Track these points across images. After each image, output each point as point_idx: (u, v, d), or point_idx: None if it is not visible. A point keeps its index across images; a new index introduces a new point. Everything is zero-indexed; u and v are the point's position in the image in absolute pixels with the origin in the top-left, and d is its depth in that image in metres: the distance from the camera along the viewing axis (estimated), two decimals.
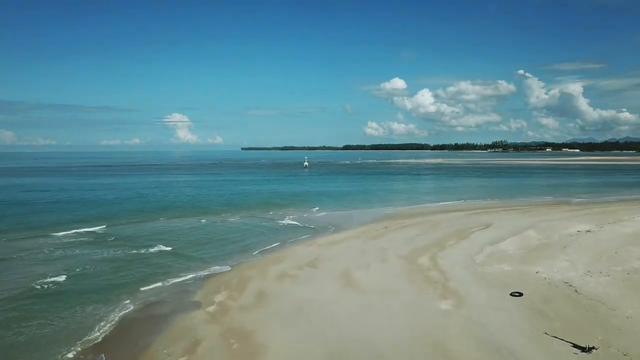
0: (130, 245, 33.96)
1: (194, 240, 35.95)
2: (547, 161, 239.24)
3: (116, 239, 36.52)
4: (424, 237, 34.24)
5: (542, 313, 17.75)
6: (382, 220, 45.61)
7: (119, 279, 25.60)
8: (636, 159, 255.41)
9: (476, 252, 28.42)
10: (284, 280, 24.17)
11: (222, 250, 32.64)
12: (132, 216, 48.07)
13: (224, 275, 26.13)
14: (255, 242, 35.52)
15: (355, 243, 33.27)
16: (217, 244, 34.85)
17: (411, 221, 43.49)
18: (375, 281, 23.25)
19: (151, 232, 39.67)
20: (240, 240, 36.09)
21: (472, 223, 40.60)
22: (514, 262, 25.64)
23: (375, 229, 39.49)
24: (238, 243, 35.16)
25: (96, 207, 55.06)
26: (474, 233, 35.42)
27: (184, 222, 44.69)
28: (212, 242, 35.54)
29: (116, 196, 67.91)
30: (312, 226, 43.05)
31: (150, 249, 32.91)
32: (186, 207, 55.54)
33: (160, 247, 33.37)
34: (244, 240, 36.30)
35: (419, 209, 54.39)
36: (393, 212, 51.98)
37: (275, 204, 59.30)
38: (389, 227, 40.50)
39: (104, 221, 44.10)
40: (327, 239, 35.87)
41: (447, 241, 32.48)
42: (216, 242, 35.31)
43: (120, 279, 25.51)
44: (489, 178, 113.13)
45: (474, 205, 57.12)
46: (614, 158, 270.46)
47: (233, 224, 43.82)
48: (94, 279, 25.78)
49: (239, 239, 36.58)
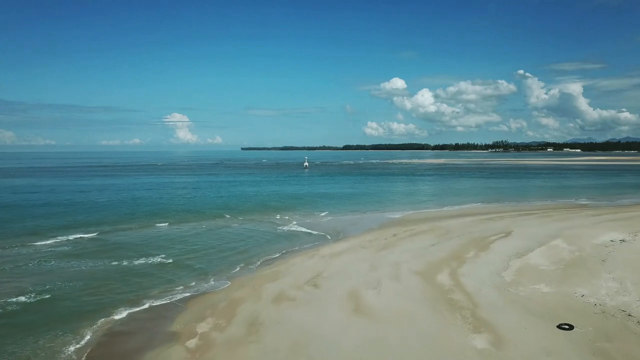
0: (113, 257, 30.28)
1: (183, 251, 32.22)
2: (551, 161, 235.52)
3: (99, 249, 32.86)
4: (439, 248, 30.53)
5: (607, 356, 14.06)
6: (389, 226, 41.96)
7: (90, 301, 21.91)
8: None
9: (503, 268, 24.70)
10: (281, 303, 20.46)
11: (212, 263, 28.93)
12: (121, 222, 44.35)
13: (212, 296, 22.43)
14: (250, 253, 31.84)
15: (362, 254, 29.57)
16: (207, 255, 31.15)
17: (421, 227, 39.83)
18: (389, 306, 19.54)
19: (139, 240, 35.96)
20: (233, 251, 32.37)
21: (489, 230, 36.91)
22: (551, 281, 21.90)
23: (384, 237, 35.82)
24: (231, 254, 31.46)
25: (84, 211, 51.30)
26: (494, 242, 31.70)
27: (175, 229, 40.98)
28: (202, 252, 31.82)
29: (108, 199, 64.21)
30: (314, 232, 39.43)
31: (134, 261, 29.27)
32: (180, 211, 51.84)
33: (145, 259, 29.71)
34: (238, 250, 32.59)
35: (427, 213, 50.70)
36: (400, 216, 48.33)
37: (274, 207, 55.64)
38: (397, 234, 36.82)
39: (90, 228, 40.42)
40: (331, 248, 32.18)
41: (466, 253, 28.77)
42: (207, 253, 31.60)
43: (90, 301, 21.84)
44: (496, 179, 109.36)
45: (486, 208, 53.44)
46: (618, 158, 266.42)
47: (228, 231, 40.12)
48: (60, 300, 22.09)
49: (233, 249, 32.87)
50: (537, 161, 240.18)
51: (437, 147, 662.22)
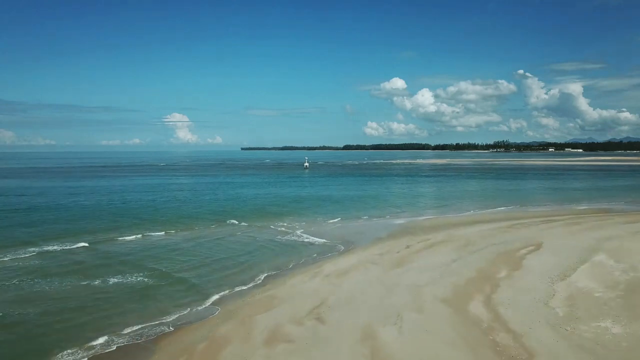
0: (85, 275, 25.99)
1: (168, 267, 27.86)
2: (556, 162, 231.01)
3: (71, 265, 28.51)
4: (463, 264, 26.17)
5: None
6: (400, 235, 37.63)
7: (34, 338, 17.60)
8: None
9: (548, 294, 20.32)
10: (276, 346, 16.08)
11: (199, 284, 24.57)
12: (105, 229, 39.93)
13: (192, 332, 18.08)
14: (244, 269, 27.52)
15: (373, 273, 25.20)
16: (195, 272, 26.76)
17: (436, 237, 35.49)
18: (416, 352, 15.18)
19: (119, 253, 31.54)
20: (225, 267, 28.00)
21: (514, 241, 32.55)
22: (617, 316, 17.49)
23: (396, 249, 31.48)
24: (222, 270, 27.09)
25: (67, 217, 46.86)
26: (525, 258, 27.32)
27: (162, 239, 36.58)
28: (189, 269, 27.45)
29: (96, 202, 59.80)
30: (316, 242, 35.14)
31: (108, 280, 24.98)
32: (171, 217, 47.45)
33: (122, 278, 25.40)
34: (230, 266, 28.22)
35: (440, 219, 46.35)
36: (411, 223, 44.02)
37: (273, 212, 51.33)
38: (411, 245, 32.48)
39: (68, 237, 36.09)
40: (336, 264, 27.83)
41: (496, 271, 24.41)
42: (194, 270, 27.22)
43: (35, 339, 17.53)
44: (504, 180, 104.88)
45: (503, 214, 49.09)
46: (624, 159, 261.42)
47: (221, 241, 35.74)
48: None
49: (224, 264, 28.51)
50: (542, 161, 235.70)
51: (437, 147, 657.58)
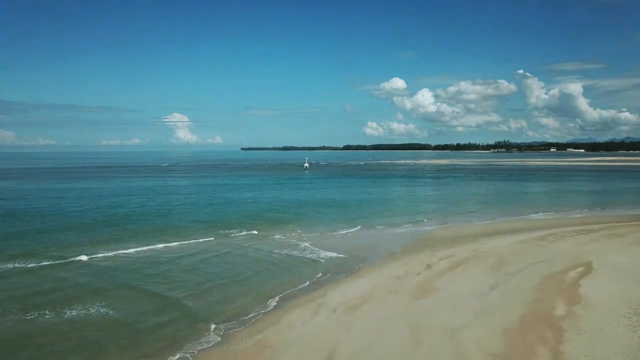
0: (33, 305, 20.85)
1: (134, 297, 22.65)
2: (563, 162, 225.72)
3: (26, 289, 23.43)
4: (504, 294, 20.90)
5: None
6: (417, 249, 32.42)
7: None
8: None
9: (633, 342, 15.08)
10: None
11: (171, 324, 19.20)
12: (80, 242, 34.54)
13: None
14: (231, 298, 22.23)
15: (393, 306, 19.93)
16: (168, 306, 21.43)
17: (460, 253, 30.26)
18: None
19: (83, 277, 26.01)
20: (207, 296, 22.59)
21: (557, 259, 27.33)
22: None
23: (415, 269, 26.26)
24: (203, 302, 21.69)
25: (41, 227, 41.30)
26: (579, 285, 22.03)
27: (137, 256, 31.04)
28: (161, 301, 22.18)
29: (80, 208, 54.34)
30: (319, 259, 29.95)
31: (64, 314, 19.89)
32: (158, 225, 42.19)
33: (78, 311, 20.30)
34: (214, 294, 22.82)
35: (458, 228, 41.17)
36: (426, 233, 38.84)
37: (271, 219, 46.06)
38: (433, 265, 27.25)
39: (38, 252, 30.98)
40: (345, 291, 22.60)
41: (551, 306, 19.14)
42: (167, 302, 21.89)
43: None
44: (516, 181, 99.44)
45: (529, 222, 43.84)
46: (631, 159, 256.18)
47: (208, 258, 30.34)
48: None
49: (207, 293, 23.04)
50: (548, 162, 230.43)
51: (438, 147, 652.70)
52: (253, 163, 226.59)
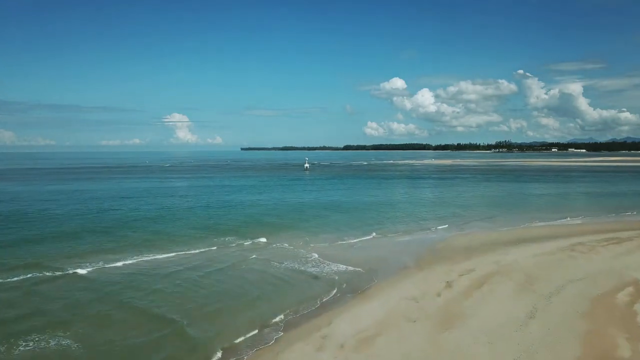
0: (16, 328, 17.79)
1: (104, 326, 19.50)
2: (569, 162, 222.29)
3: None
4: (547, 324, 17.72)
5: None
6: (432, 261, 29.30)
7: None
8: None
9: None
10: None
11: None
12: (61, 254, 31.23)
13: None
14: (219, 325, 19.14)
15: (413, 342, 16.67)
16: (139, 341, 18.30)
17: (481, 266, 27.10)
18: None
19: (49, 299, 22.95)
20: (192, 323, 19.50)
21: (597, 276, 24.14)
22: None
23: (434, 288, 23.10)
24: (185, 333, 18.54)
25: (21, 235, 38.05)
26: (637, 312, 18.86)
27: (128, 268, 27.79)
28: (135, 330, 19.01)
29: (68, 213, 51.09)
30: (322, 273, 26.93)
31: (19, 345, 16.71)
32: (149, 232, 39.14)
33: (36, 342, 17.11)
34: (199, 321, 19.63)
35: (474, 236, 38.07)
36: (440, 242, 35.76)
37: (271, 225, 42.90)
38: (453, 282, 24.09)
39: (11, 266, 27.85)
40: (354, 318, 19.46)
41: (612, 343, 15.95)
42: (142, 331, 18.76)
43: None
44: (526, 183, 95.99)
45: (550, 228, 40.75)
46: (637, 159, 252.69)
47: (200, 273, 27.10)
48: None
49: (191, 320, 20.00)
50: (553, 162, 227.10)
51: (438, 147, 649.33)
52: (253, 163, 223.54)
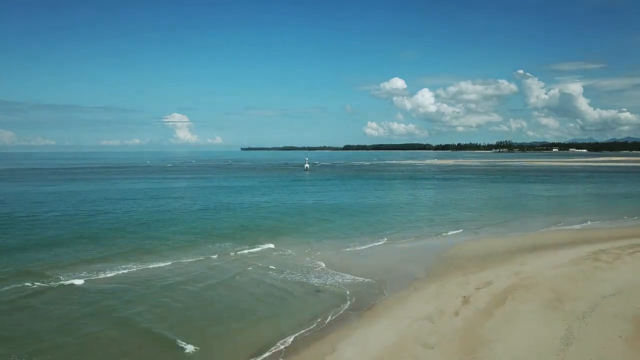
0: None
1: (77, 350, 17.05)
2: (573, 163, 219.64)
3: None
4: (590, 354, 15.28)
5: None
6: (444, 271, 26.90)
7: None
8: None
9: None
10: None
11: None
12: (43, 261, 28.88)
13: None
14: (210, 356, 16.67)
15: None
16: None
17: (500, 278, 24.64)
18: None
19: (44, 310, 20.69)
20: (176, 354, 17.06)
21: (630, 290, 21.65)
22: None
23: (450, 305, 20.62)
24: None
25: (5, 240, 35.67)
26: None
27: (114, 280, 25.39)
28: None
29: (58, 214, 48.76)
30: (324, 285, 24.57)
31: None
32: (139, 238, 36.53)
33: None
34: (184, 350, 17.22)
35: (487, 241, 35.77)
36: (451, 248, 33.43)
37: (270, 229, 40.40)
38: (470, 297, 21.62)
39: None
40: (361, 341, 17.03)
41: None
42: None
43: None
44: (533, 184, 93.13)
45: (568, 233, 38.31)
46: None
47: (192, 288, 24.64)
48: None
49: (176, 350, 17.57)
50: (558, 162, 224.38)
51: (439, 148, 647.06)
52: (254, 164, 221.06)
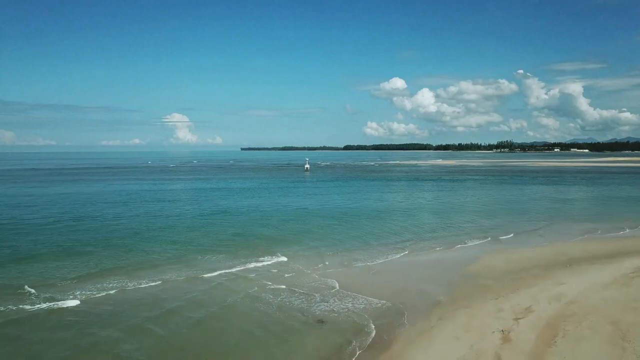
0: None
1: None
2: (580, 163, 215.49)
3: None
4: None
5: None
6: (471, 293, 23.09)
7: None
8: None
9: None
10: None
11: None
12: (13, 278, 25.45)
13: None
14: None
15: None
16: None
17: (540, 303, 20.82)
18: None
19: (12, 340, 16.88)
20: None
21: None
22: None
23: (488, 345, 16.82)
24: None
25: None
26: None
27: (84, 306, 21.73)
28: None
29: (40, 220, 44.95)
30: (330, 316, 20.53)
31: None
32: (125, 249, 32.79)
33: None
34: None
35: (513, 252, 31.93)
36: (474, 261, 29.61)
37: (268, 239, 36.52)
38: (511, 332, 17.80)
39: None
40: None
41: None
42: None
43: None
44: (546, 185, 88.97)
45: (601, 243, 34.53)
46: None
47: (183, 313, 20.81)
48: None
49: None
50: (565, 163, 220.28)
51: (439, 148, 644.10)
52: (255, 164, 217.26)
